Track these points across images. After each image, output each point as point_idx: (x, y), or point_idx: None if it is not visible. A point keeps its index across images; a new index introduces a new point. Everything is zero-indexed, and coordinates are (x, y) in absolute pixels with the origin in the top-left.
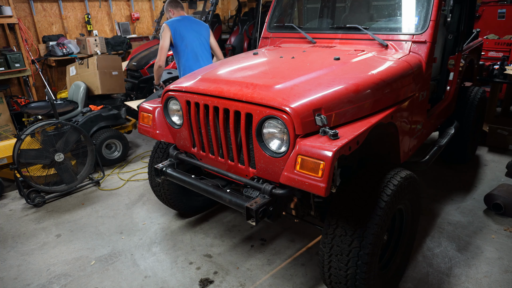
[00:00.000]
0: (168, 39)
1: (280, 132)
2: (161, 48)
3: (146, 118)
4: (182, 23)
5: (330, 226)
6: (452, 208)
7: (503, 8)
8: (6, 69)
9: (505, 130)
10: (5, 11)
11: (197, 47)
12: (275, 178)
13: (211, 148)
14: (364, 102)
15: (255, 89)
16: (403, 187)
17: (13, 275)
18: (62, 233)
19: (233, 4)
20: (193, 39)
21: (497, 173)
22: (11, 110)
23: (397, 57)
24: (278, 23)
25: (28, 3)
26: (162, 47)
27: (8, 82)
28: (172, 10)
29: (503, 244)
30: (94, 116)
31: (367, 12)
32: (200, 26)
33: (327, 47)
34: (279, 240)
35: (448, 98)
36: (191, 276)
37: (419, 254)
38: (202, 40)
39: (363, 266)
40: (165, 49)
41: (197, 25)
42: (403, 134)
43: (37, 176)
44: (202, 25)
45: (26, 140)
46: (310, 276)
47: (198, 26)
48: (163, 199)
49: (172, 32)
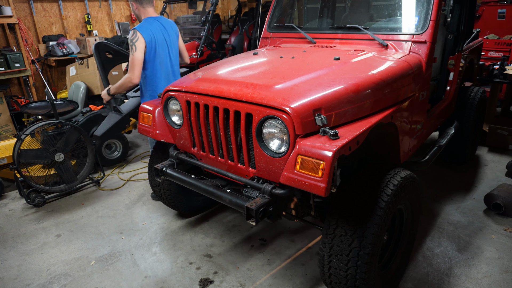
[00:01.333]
0: (143, 52)
1: (280, 132)
2: (136, 61)
3: (146, 118)
4: (156, 32)
5: (330, 226)
6: (452, 208)
7: (503, 8)
8: (6, 69)
9: (505, 130)
10: (5, 11)
11: (171, 63)
12: (275, 178)
13: (211, 148)
14: (364, 102)
15: (255, 89)
16: (403, 187)
17: (13, 275)
18: (62, 233)
19: (233, 4)
20: (167, 53)
21: (497, 173)
22: (11, 110)
23: (397, 57)
24: (278, 23)
25: (28, 3)
26: (138, 60)
27: (8, 82)
28: (136, 5)
29: (503, 244)
30: (94, 116)
31: (367, 12)
32: (171, 30)
33: (327, 47)
34: (279, 240)
35: (448, 98)
36: (191, 276)
37: (419, 254)
38: (175, 52)
39: (363, 266)
40: (140, 63)
41: (170, 30)
42: (403, 134)
43: (37, 176)
44: (172, 28)
45: (26, 140)
46: (310, 276)
47: (171, 31)
48: (163, 199)
49: (147, 43)
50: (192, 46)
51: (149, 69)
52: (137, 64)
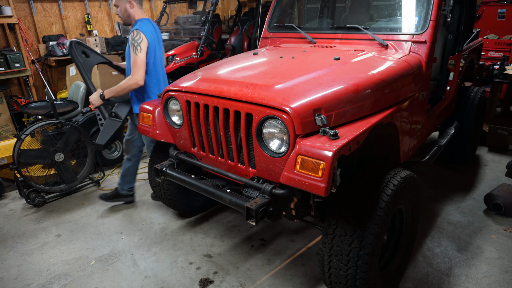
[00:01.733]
0: (146, 53)
1: (280, 132)
2: (141, 61)
3: (146, 118)
4: (154, 34)
5: (330, 226)
6: (452, 208)
7: (503, 8)
8: (6, 69)
9: (505, 130)
10: (5, 11)
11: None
12: (275, 178)
13: (211, 148)
14: (364, 102)
15: (255, 89)
16: (403, 187)
17: (13, 275)
18: (62, 233)
19: (233, 4)
20: (163, 57)
21: (497, 173)
22: (11, 110)
23: (397, 57)
24: (278, 23)
25: (28, 3)
26: (143, 61)
27: (8, 82)
28: (135, 4)
29: (503, 244)
30: (94, 116)
31: (367, 12)
32: (160, 35)
33: (327, 47)
34: (279, 240)
35: (448, 98)
36: (191, 276)
37: (419, 254)
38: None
39: (363, 266)
40: (145, 64)
41: (159, 35)
42: (403, 134)
43: (37, 176)
44: (160, 33)
45: (26, 140)
46: (310, 276)
47: (160, 36)
48: (163, 199)
49: (149, 45)
50: (192, 46)
51: (148, 72)
52: (142, 65)
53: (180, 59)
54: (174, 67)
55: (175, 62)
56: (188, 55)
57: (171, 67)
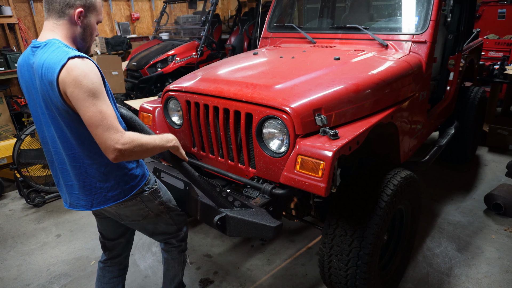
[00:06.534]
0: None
1: (280, 132)
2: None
3: (146, 118)
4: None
5: (330, 226)
6: (452, 208)
7: (503, 8)
8: (6, 69)
9: (505, 130)
10: (5, 11)
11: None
12: (275, 178)
13: (211, 148)
14: (364, 102)
15: (255, 89)
16: (403, 187)
17: (13, 275)
18: (62, 233)
19: (233, 4)
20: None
21: (497, 173)
22: (11, 110)
23: (397, 57)
24: (278, 23)
25: (28, 3)
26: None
27: (8, 82)
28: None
29: (503, 244)
30: None
31: (367, 12)
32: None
33: (327, 47)
34: (279, 240)
35: (448, 98)
36: (191, 276)
37: (419, 254)
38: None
39: (363, 266)
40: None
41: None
42: (403, 134)
43: (37, 176)
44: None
45: (26, 140)
46: (310, 276)
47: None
48: None
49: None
50: (192, 46)
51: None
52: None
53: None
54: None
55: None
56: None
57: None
